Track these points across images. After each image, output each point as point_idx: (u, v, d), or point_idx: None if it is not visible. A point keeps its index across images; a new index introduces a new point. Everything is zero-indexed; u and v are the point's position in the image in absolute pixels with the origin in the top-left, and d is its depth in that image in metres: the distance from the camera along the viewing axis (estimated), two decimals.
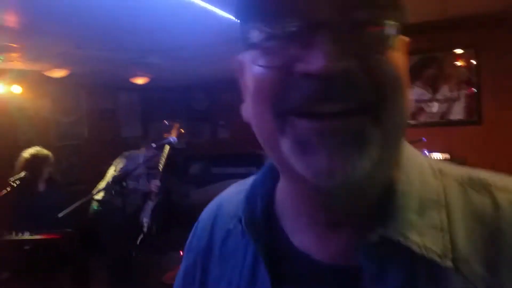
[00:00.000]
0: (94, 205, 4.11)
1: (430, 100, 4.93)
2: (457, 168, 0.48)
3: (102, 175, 3.82)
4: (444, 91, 4.86)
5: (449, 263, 0.38)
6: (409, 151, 0.46)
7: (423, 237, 0.39)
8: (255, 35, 0.39)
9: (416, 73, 5.00)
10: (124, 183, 3.06)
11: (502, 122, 4.21)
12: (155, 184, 3.80)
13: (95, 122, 5.81)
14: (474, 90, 4.60)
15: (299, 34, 0.36)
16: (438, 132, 4.76)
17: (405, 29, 0.39)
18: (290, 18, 0.36)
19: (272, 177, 0.53)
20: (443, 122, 4.86)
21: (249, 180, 0.56)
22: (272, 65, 0.38)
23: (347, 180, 0.36)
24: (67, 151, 5.36)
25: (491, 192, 0.43)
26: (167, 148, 3.81)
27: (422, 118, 5.01)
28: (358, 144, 0.36)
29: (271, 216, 0.50)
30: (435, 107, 4.91)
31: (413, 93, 5.00)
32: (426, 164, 0.46)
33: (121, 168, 3.78)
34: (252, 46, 0.40)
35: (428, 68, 4.90)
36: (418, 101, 5.00)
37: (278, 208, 0.51)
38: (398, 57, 0.38)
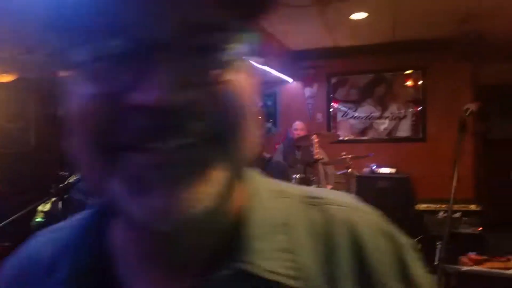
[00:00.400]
0: (38, 217, 3.92)
1: (379, 118, 5.15)
2: (297, 187, 0.48)
3: (49, 185, 3.66)
4: (393, 109, 5.11)
5: (297, 284, 0.38)
6: (249, 176, 0.43)
7: (271, 261, 0.38)
8: (75, 53, 0.32)
9: (367, 92, 5.22)
10: (67, 195, 2.94)
11: (445, 140, 4.47)
12: None
13: (43, 128, 5.58)
14: (420, 108, 4.86)
15: (129, 57, 0.31)
16: (385, 148, 4.99)
17: (353, 50, 0.37)
18: (118, 36, 0.31)
19: (104, 218, 0.45)
20: (391, 138, 5.10)
21: (65, 225, 0.49)
22: (95, 92, 0.32)
23: (189, 220, 0.33)
24: (13, 158, 5.11)
25: (324, 208, 0.44)
26: None
27: (371, 135, 5.24)
28: (199, 178, 0.33)
29: (106, 264, 0.43)
30: (384, 124, 5.13)
31: (364, 111, 5.22)
32: (266, 188, 0.45)
33: (73, 180, 3.65)
34: (71, 65, 0.34)
35: (378, 87, 5.14)
36: (368, 118, 5.21)
37: (115, 253, 0.43)
38: (243, 83, 0.35)
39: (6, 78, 4.28)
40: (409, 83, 5.02)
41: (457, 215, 3.55)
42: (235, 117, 0.34)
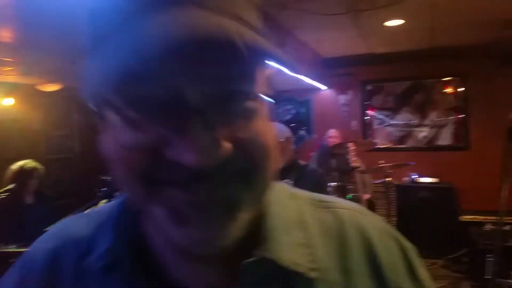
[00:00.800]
0: None
1: (419, 125, 5.01)
2: (304, 192, 0.53)
3: (92, 189, 3.81)
4: (432, 116, 4.95)
5: (315, 274, 0.43)
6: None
7: (292, 254, 0.43)
8: (120, 103, 0.35)
9: (404, 99, 5.09)
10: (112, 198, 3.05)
11: (489, 148, 4.28)
12: None
13: (87, 136, 5.81)
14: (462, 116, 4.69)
15: (168, 118, 0.34)
16: (426, 156, 4.84)
17: (389, 57, 0.39)
18: (158, 102, 0.34)
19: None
20: (431, 147, 4.93)
21: (101, 209, 0.53)
22: (138, 143, 0.36)
23: (221, 247, 0.38)
24: (58, 164, 5.35)
25: (332, 209, 0.50)
26: None
27: (410, 143, 5.10)
28: (231, 214, 0.37)
29: (141, 247, 0.46)
30: (423, 132, 4.98)
31: (402, 118, 5.09)
32: (280, 189, 0.50)
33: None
34: (116, 110, 0.36)
35: (417, 94, 5.00)
36: (406, 125, 5.08)
37: (148, 238, 0.46)
38: (264, 123, 0.39)
39: (52, 87, 4.50)
40: (448, 90, 4.87)
41: (508, 227, 3.37)
42: (262, 160, 0.38)
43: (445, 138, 4.89)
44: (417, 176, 4.70)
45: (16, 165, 3.43)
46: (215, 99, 0.35)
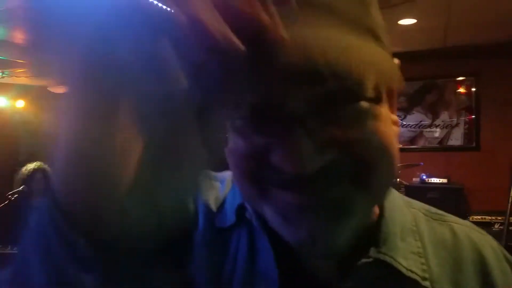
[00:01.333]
0: None
1: (430, 126, 4.96)
2: (417, 202, 0.54)
3: None
4: (444, 117, 4.90)
5: (427, 284, 0.43)
6: None
7: (407, 260, 0.44)
8: (228, 111, 0.37)
9: (416, 99, 5.03)
10: None
11: (500, 149, 4.21)
12: None
13: None
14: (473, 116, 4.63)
15: (271, 126, 0.36)
16: (436, 157, 4.78)
17: (401, 56, 0.40)
18: (262, 109, 0.35)
19: None
20: (442, 147, 4.88)
21: (226, 176, 0.54)
22: (247, 150, 0.38)
23: (331, 249, 0.38)
24: None
25: (449, 224, 0.50)
26: None
27: (421, 143, 5.04)
28: (340, 217, 0.37)
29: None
30: (435, 133, 4.93)
31: (414, 118, 5.04)
32: (397, 196, 0.50)
33: None
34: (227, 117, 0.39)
35: (429, 94, 4.95)
36: (418, 126, 5.03)
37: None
38: (382, 123, 0.38)
39: (63, 89, 4.52)
40: (461, 90, 4.81)
41: None
42: (376, 161, 0.37)
43: (456, 139, 4.83)
44: (427, 176, 4.66)
45: (26, 168, 3.46)
46: (316, 106, 0.35)
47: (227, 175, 0.55)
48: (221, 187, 0.54)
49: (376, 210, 0.46)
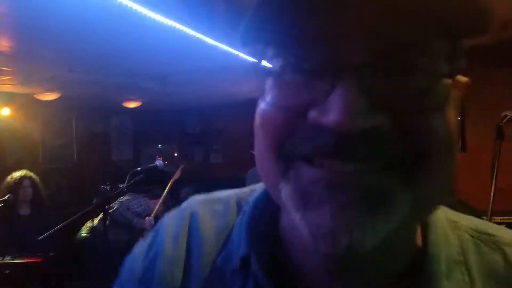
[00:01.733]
0: (83, 232, 4.06)
1: None
2: (462, 217, 0.45)
3: (91, 199, 3.79)
4: None
5: None
6: None
7: None
8: (269, 62, 0.32)
9: None
10: (107, 207, 3.02)
11: (486, 149, 4.26)
12: (149, 221, 3.78)
13: (85, 145, 5.79)
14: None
15: (319, 73, 0.30)
16: None
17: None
18: (311, 50, 0.30)
19: (274, 202, 0.42)
20: None
21: (227, 198, 0.49)
22: (280, 103, 0.33)
23: (356, 249, 0.30)
24: (56, 174, 5.32)
25: (501, 248, 0.42)
26: (170, 182, 3.85)
27: None
28: (375, 206, 0.30)
29: (277, 248, 0.41)
30: None
31: None
32: (443, 217, 0.42)
33: (122, 201, 3.79)
34: (266, 73, 0.34)
35: None
36: None
37: (285, 236, 0.42)
38: (449, 111, 0.31)
39: (50, 96, 4.48)
40: None
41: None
42: (432, 149, 0.30)
43: None
44: None
45: (11, 176, 3.41)
46: (380, 59, 0.28)
47: (232, 195, 0.50)
48: (224, 212, 0.48)
49: (419, 236, 0.39)
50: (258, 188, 0.48)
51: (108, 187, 4.61)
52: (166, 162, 4.17)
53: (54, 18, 2.27)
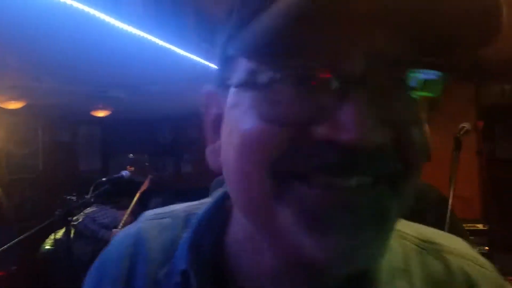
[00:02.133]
0: (47, 244, 3.94)
1: None
2: (407, 225, 0.45)
3: (55, 210, 3.69)
4: None
5: None
6: None
7: None
8: (261, 73, 0.30)
9: None
10: (69, 218, 2.95)
11: (447, 159, 4.43)
12: (115, 232, 3.72)
13: (51, 155, 5.65)
14: None
15: (319, 86, 0.29)
16: None
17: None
18: (310, 63, 0.29)
19: (221, 216, 0.44)
20: None
21: (177, 212, 0.49)
22: (276, 119, 0.30)
23: (364, 265, 0.31)
24: (20, 184, 5.16)
25: (443, 257, 0.43)
26: (137, 194, 3.81)
27: None
28: (379, 222, 0.30)
29: (222, 266, 0.41)
30: None
31: None
32: None
33: (87, 213, 3.72)
34: (249, 85, 0.31)
35: None
36: None
37: (231, 250, 0.41)
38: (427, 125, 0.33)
39: (15, 105, 4.36)
40: None
41: None
42: (418, 160, 0.31)
43: None
44: None
45: None
46: (381, 68, 0.28)
47: (182, 208, 0.49)
48: (172, 226, 0.47)
49: None
50: (207, 201, 0.48)
51: (74, 198, 4.50)
52: (136, 172, 4.13)
53: (19, 26, 2.24)
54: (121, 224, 3.73)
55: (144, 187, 4.10)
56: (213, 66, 3.09)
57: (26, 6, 2.02)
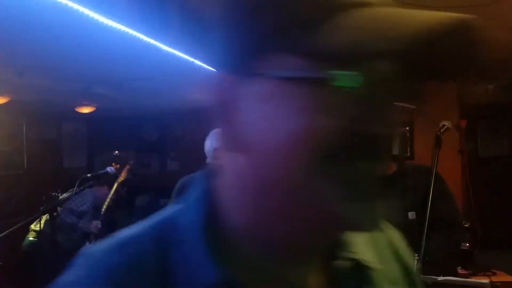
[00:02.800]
0: (30, 236, 3.91)
1: None
2: None
3: (42, 205, 3.67)
4: None
5: (381, 266, 0.50)
6: None
7: (366, 252, 0.49)
8: (320, 72, 0.35)
9: None
10: (55, 213, 2.94)
11: (430, 157, 4.50)
12: (96, 225, 3.72)
13: (36, 151, 5.59)
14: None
15: (368, 96, 0.37)
16: None
17: None
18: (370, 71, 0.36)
19: (216, 219, 0.43)
20: None
21: (142, 235, 0.44)
22: (337, 113, 0.36)
23: (375, 226, 0.41)
24: (6, 181, 5.10)
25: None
26: (115, 185, 3.80)
27: None
28: (382, 195, 0.40)
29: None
30: None
31: None
32: None
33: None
34: (304, 81, 0.36)
35: None
36: None
37: (240, 235, 0.43)
38: None
39: None
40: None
41: None
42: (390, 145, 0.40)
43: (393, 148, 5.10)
44: None
45: None
46: (404, 76, 0.37)
47: (145, 231, 0.44)
48: (142, 257, 0.42)
49: None
50: (177, 211, 0.46)
51: (59, 194, 4.46)
52: (121, 168, 4.12)
53: (1, 20, 2.21)
54: (103, 209, 3.77)
55: (121, 177, 4.09)
56: (197, 61, 3.09)
57: (9, 1, 2.00)
